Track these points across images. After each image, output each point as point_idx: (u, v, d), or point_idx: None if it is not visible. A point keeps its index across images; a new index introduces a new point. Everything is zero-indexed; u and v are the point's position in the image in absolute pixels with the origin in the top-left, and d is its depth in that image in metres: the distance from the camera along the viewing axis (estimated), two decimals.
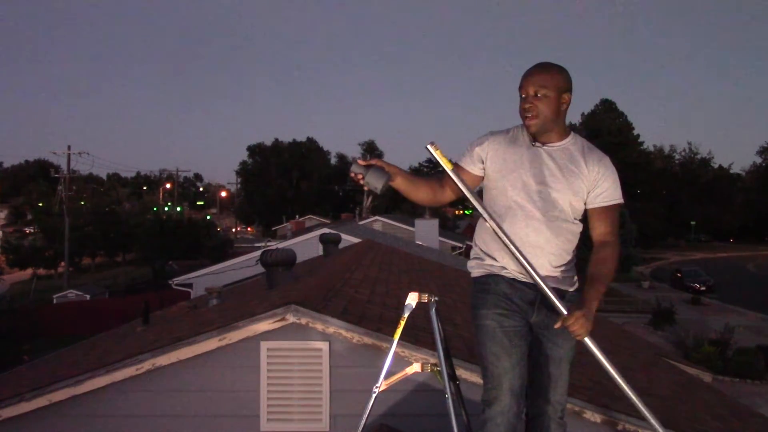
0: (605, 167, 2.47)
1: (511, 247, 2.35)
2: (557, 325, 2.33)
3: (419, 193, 2.54)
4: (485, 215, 2.40)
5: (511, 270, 2.51)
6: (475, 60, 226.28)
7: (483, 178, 2.58)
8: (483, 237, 2.63)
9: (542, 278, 2.38)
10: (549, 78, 2.40)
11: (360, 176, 2.35)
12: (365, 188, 2.38)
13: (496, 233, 2.40)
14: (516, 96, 2.47)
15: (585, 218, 2.55)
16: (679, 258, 59.80)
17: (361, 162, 2.38)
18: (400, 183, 2.46)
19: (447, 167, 2.37)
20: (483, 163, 2.54)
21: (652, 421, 2.43)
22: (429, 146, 2.31)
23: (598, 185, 2.45)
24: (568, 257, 2.52)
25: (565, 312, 2.32)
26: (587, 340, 2.33)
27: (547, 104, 2.39)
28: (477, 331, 2.54)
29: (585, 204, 2.48)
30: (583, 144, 2.52)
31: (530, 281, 2.49)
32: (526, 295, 2.50)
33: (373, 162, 2.40)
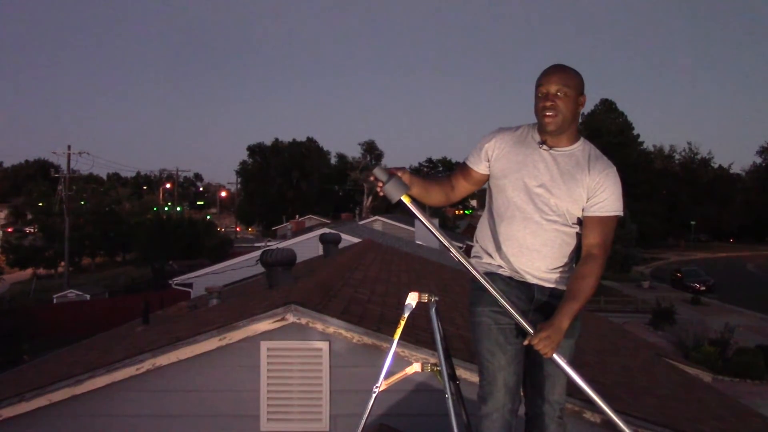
0: (607, 177, 2.44)
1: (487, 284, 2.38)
2: (525, 343, 2.36)
3: (433, 197, 2.56)
4: (444, 241, 2.40)
5: (507, 269, 2.53)
6: (475, 59, 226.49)
7: (489, 176, 2.59)
8: (482, 236, 2.64)
9: (535, 285, 2.43)
10: (570, 78, 2.40)
11: (381, 183, 2.35)
12: (380, 193, 2.38)
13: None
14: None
15: None
16: (679, 258, 59.81)
17: (392, 170, 2.38)
18: (415, 191, 2.46)
19: (422, 218, 2.39)
20: (489, 161, 2.55)
21: None
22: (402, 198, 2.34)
23: (596, 194, 2.43)
24: (565, 260, 2.52)
25: (532, 331, 2.33)
26: (556, 357, 2.34)
27: (567, 104, 2.38)
28: (473, 328, 2.56)
29: (582, 211, 2.46)
30: (591, 151, 2.49)
31: (525, 281, 2.51)
32: (522, 294, 2.51)
33: (397, 172, 2.39)
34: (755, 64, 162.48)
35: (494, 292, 2.36)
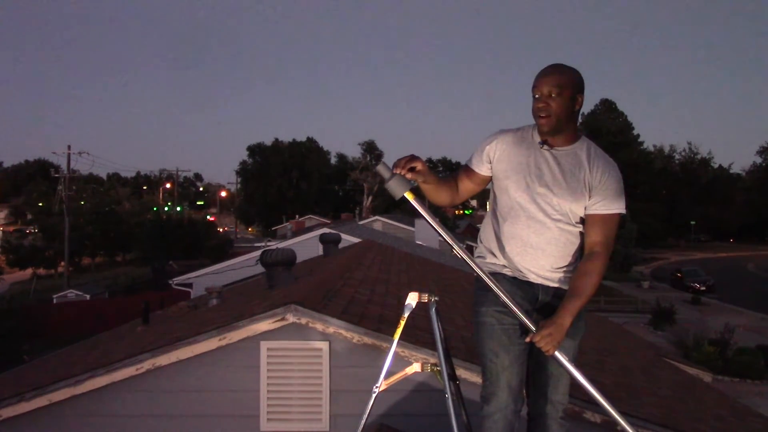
0: (608, 175, 2.44)
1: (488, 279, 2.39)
2: (527, 340, 2.37)
3: (441, 196, 2.56)
4: (450, 241, 2.40)
5: (511, 268, 2.53)
6: (475, 60, 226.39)
7: (492, 177, 2.59)
8: (486, 236, 2.64)
9: (539, 285, 2.43)
10: (563, 78, 2.39)
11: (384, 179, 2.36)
12: (380, 172, 2.37)
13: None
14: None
15: None
16: (679, 258, 59.79)
17: (407, 158, 2.38)
18: (425, 185, 2.46)
19: (425, 215, 2.39)
20: (491, 162, 2.55)
21: None
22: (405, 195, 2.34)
23: (598, 192, 2.43)
24: (570, 259, 2.52)
25: (534, 328, 2.34)
26: (558, 355, 2.34)
27: (560, 104, 2.38)
28: (477, 327, 2.55)
29: (585, 209, 2.46)
30: (592, 149, 2.50)
31: (529, 280, 2.51)
32: (527, 294, 2.51)
33: (412, 162, 2.36)
34: (755, 64, 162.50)
35: (496, 288, 2.36)
